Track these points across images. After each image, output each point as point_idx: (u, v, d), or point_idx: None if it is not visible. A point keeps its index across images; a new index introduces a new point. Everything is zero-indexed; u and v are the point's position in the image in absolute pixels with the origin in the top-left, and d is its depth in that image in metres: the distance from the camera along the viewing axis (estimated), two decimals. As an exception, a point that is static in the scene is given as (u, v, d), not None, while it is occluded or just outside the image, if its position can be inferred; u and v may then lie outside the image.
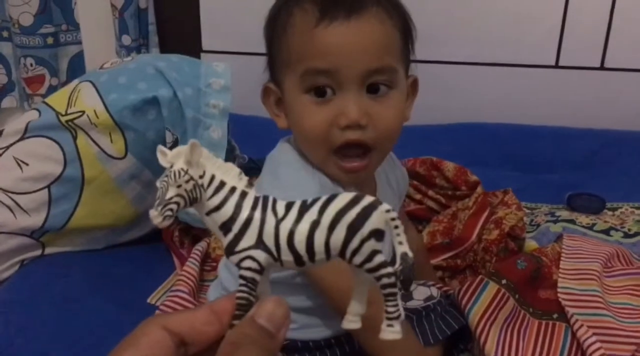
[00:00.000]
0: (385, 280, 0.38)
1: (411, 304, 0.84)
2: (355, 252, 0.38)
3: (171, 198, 0.39)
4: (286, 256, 0.39)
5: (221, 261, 0.84)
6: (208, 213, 0.39)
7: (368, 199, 0.38)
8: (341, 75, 0.69)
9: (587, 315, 0.83)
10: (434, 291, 0.87)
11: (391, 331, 0.39)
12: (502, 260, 0.97)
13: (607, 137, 1.39)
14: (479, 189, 1.13)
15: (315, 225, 0.38)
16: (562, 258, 0.92)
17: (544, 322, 0.86)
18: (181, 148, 0.39)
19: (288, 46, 0.72)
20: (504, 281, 0.88)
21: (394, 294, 0.38)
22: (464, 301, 0.86)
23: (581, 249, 0.94)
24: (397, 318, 0.39)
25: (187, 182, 0.39)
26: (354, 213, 0.38)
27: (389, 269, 0.38)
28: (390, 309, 0.39)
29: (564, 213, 1.17)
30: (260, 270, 0.39)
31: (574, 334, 0.83)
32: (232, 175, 0.40)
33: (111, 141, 1.00)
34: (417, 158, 1.19)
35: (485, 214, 1.08)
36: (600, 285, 0.88)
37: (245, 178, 0.40)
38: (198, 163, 0.39)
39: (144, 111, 1.00)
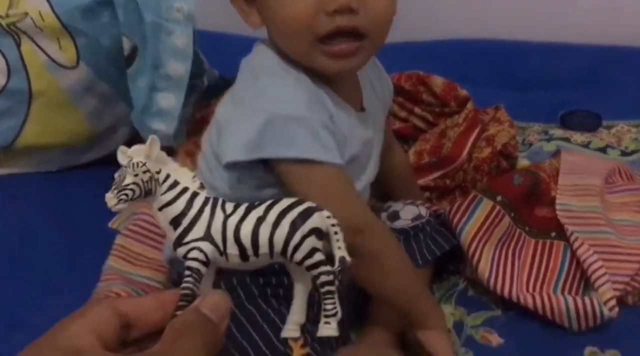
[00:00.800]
0: (323, 278, 0.42)
1: (398, 224, 0.78)
2: (296, 247, 0.42)
3: (128, 184, 0.41)
4: (232, 249, 0.42)
5: None
6: (160, 208, 0.43)
7: (311, 203, 0.43)
8: None
9: (587, 232, 0.79)
10: (423, 211, 0.81)
11: (328, 328, 0.42)
12: (496, 177, 0.90)
13: (603, 53, 1.31)
14: (469, 105, 1.06)
15: (260, 220, 0.42)
16: (560, 173, 0.86)
17: (540, 241, 0.82)
18: (140, 146, 0.42)
19: None
20: (498, 198, 0.82)
21: (332, 292, 0.42)
22: (455, 220, 0.80)
23: (580, 164, 0.88)
24: (334, 315, 0.42)
25: (144, 172, 0.42)
26: (296, 212, 0.42)
27: (328, 267, 0.42)
28: (328, 306, 0.42)
29: (558, 132, 1.10)
30: (206, 262, 0.42)
31: (573, 253, 0.78)
32: (186, 177, 0.43)
33: (60, 48, 0.90)
34: (403, 73, 1.11)
35: (476, 131, 1.01)
36: (601, 201, 0.82)
37: (198, 182, 0.44)
38: (157, 158, 0.42)
39: (96, 13, 0.89)
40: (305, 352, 0.57)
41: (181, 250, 0.42)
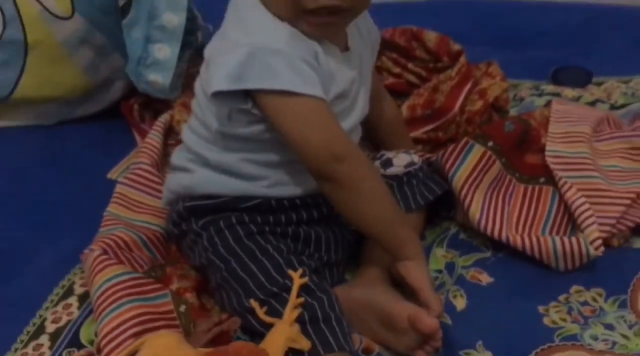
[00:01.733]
0: None
1: (391, 170, 0.80)
2: None
3: None
4: None
5: (185, 125, 0.77)
6: None
7: None
8: None
9: (576, 177, 0.80)
10: (415, 158, 0.82)
11: None
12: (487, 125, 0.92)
13: (595, 11, 1.32)
14: (462, 59, 1.06)
15: None
16: (550, 121, 0.87)
17: (530, 186, 0.83)
18: None
19: None
20: (490, 144, 0.84)
21: None
22: (447, 165, 0.81)
23: (570, 113, 0.90)
24: None
25: None
26: None
27: None
28: None
29: (549, 88, 1.12)
30: None
31: (561, 197, 0.80)
32: None
33: (55, -3, 0.89)
34: (396, 29, 1.11)
35: (469, 85, 1.03)
36: (590, 147, 0.84)
37: None
38: None
39: (90, -38, 0.89)
40: (304, 281, 0.59)
41: None
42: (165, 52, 0.92)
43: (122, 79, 1.01)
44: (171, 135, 0.97)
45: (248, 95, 0.64)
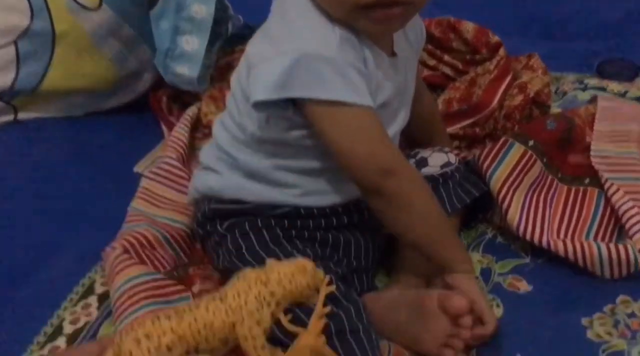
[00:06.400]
0: None
1: (426, 171, 0.77)
2: None
3: None
4: None
5: (216, 119, 0.74)
6: None
7: None
8: None
9: (623, 179, 0.77)
10: (452, 158, 0.79)
11: None
12: (528, 123, 0.88)
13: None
14: (502, 51, 1.03)
15: None
16: (596, 119, 0.84)
17: (573, 188, 0.80)
18: None
19: None
20: (531, 143, 0.80)
21: None
22: (485, 165, 0.78)
23: (618, 110, 0.85)
24: None
25: None
26: None
27: None
28: None
29: (593, 81, 1.08)
30: None
31: (607, 200, 0.76)
32: None
33: (82, -12, 0.89)
34: (432, 19, 1.07)
35: (508, 79, 0.99)
36: (638, 147, 0.80)
37: None
38: None
39: (118, -47, 0.88)
40: (331, 289, 0.57)
41: None
42: (194, 43, 0.91)
43: (150, 71, 1.01)
44: (199, 128, 0.96)
45: (290, 101, 0.61)
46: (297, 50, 0.59)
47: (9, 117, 0.97)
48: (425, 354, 0.63)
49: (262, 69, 0.61)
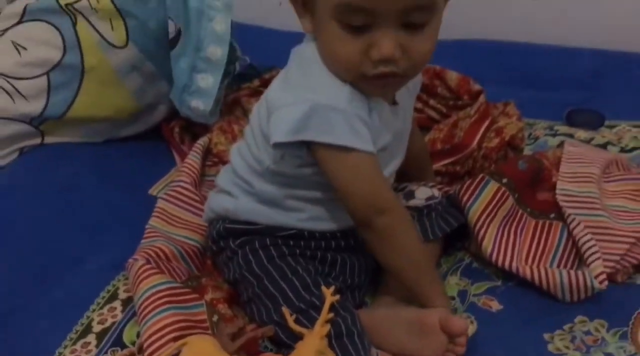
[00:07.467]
0: None
1: (413, 202, 0.85)
2: None
3: None
4: None
5: (233, 147, 0.83)
6: None
7: None
8: (377, 14, 0.64)
9: (584, 215, 0.84)
10: (436, 192, 0.87)
11: None
12: (503, 162, 0.97)
13: (611, 58, 1.37)
14: (482, 98, 1.12)
15: None
16: (562, 162, 0.92)
17: (540, 221, 0.87)
18: None
19: None
20: (504, 180, 0.88)
21: None
22: (464, 199, 0.86)
23: (581, 155, 0.95)
24: None
25: None
26: None
27: None
28: None
29: (563, 128, 1.15)
30: None
31: (569, 233, 0.84)
32: None
33: (112, 28, 0.97)
34: (420, 67, 1.17)
35: (487, 122, 1.07)
36: (598, 188, 0.88)
37: None
38: None
39: (145, -2, 0.97)
40: (336, 298, 0.65)
41: None
42: (208, 81, 0.99)
43: (166, 103, 1.08)
44: (208, 157, 1.04)
45: (304, 143, 0.70)
46: (313, 100, 0.68)
47: (37, 141, 1.03)
48: None
49: (281, 114, 0.69)
